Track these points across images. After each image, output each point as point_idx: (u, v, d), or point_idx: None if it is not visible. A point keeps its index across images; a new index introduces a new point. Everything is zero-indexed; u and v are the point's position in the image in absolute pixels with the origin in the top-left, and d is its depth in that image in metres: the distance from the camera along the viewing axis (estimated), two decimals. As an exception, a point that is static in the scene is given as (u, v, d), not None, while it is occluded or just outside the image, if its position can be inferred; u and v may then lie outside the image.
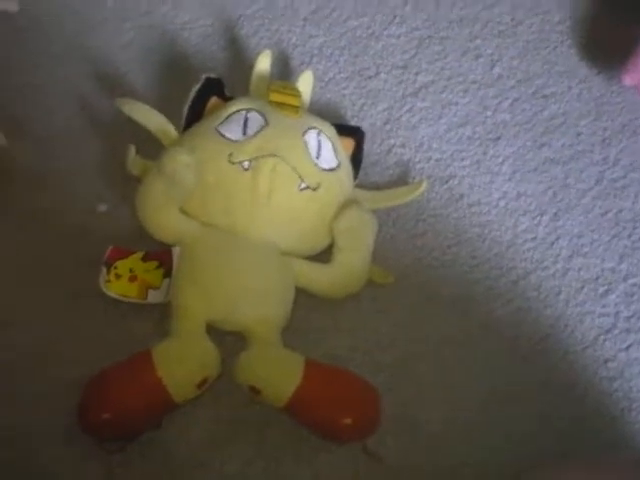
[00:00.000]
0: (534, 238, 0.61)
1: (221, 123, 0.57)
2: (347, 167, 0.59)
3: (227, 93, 0.61)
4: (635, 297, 0.59)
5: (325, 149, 0.57)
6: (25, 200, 0.59)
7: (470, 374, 0.55)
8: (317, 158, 0.56)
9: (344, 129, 0.61)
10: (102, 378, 0.49)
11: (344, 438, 0.50)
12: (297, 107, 0.58)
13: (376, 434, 0.50)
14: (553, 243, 0.61)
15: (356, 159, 0.61)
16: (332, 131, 0.59)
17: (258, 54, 0.62)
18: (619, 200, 0.62)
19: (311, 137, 0.57)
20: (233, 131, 0.56)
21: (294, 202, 0.55)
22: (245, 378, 0.51)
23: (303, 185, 0.55)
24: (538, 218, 0.62)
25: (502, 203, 0.62)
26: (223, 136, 0.56)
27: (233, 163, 0.54)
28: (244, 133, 0.55)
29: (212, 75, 0.61)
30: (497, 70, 0.68)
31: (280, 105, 0.58)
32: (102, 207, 0.60)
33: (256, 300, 0.53)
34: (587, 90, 0.67)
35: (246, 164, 0.54)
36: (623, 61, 0.63)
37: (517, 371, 0.56)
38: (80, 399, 0.48)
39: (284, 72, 0.66)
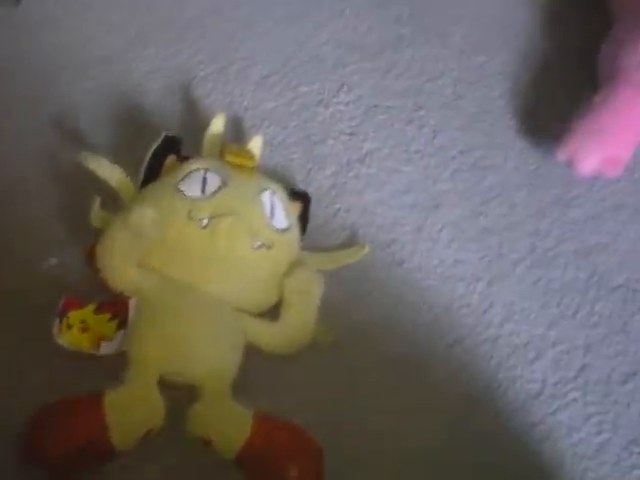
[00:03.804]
0: (469, 304, 0.64)
1: (181, 180, 0.59)
2: (296, 229, 0.62)
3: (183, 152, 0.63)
4: (562, 363, 0.62)
5: (278, 210, 0.59)
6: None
7: (409, 433, 0.58)
8: (271, 218, 0.59)
9: (292, 193, 0.63)
10: (51, 410, 0.51)
11: None
12: (252, 169, 0.61)
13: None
14: (486, 310, 0.63)
15: (302, 222, 0.63)
16: (283, 193, 0.61)
17: (212, 116, 0.64)
18: (550, 270, 0.66)
19: (266, 198, 0.59)
20: (192, 189, 0.58)
21: (249, 260, 0.58)
22: (197, 429, 0.53)
23: (258, 244, 0.58)
24: (473, 285, 0.64)
25: (440, 269, 0.65)
26: (183, 193, 0.58)
27: (192, 220, 0.57)
28: (203, 191, 0.58)
29: (171, 133, 0.63)
30: (439, 140, 0.71)
31: (236, 166, 0.60)
32: (53, 260, 0.61)
33: (209, 354, 0.55)
34: (523, 163, 0.71)
35: (204, 222, 0.57)
36: (557, 136, 0.67)
37: (452, 429, 0.58)
38: (27, 426, 0.50)
39: (235, 134, 0.68)
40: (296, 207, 0.63)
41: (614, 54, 0.69)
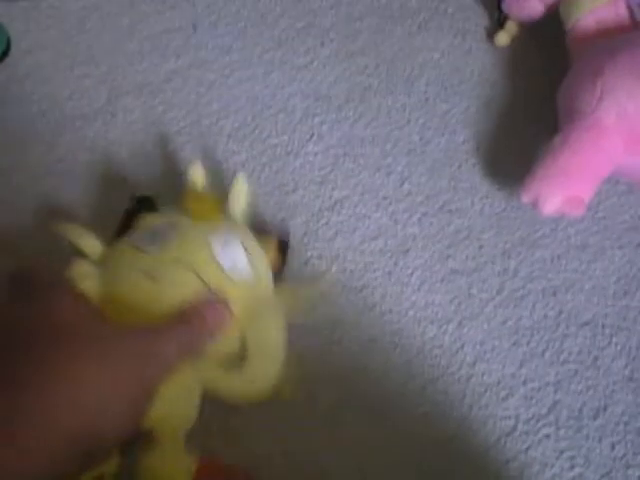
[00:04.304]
0: (440, 345, 0.65)
1: (133, 234, 0.59)
2: (261, 269, 0.60)
3: (159, 208, 0.64)
4: (533, 400, 0.63)
5: (233, 252, 0.58)
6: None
7: (382, 474, 0.59)
8: (224, 261, 0.57)
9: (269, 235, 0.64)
10: None
11: None
12: (214, 211, 0.61)
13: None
14: (458, 350, 0.65)
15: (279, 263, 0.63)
16: (247, 236, 0.60)
17: (188, 167, 0.65)
18: (518, 309, 0.67)
19: (218, 241, 0.58)
20: (143, 240, 0.58)
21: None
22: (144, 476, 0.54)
23: (208, 290, 0.56)
24: (444, 326, 0.66)
25: (411, 312, 0.66)
26: (134, 246, 0.58)
27: (140, 272, 0.56)
28: (152, 243, 0.57)
29: (143, 194, 0.64)
30: (407, 186, 0.73)
31: (195, 212, 0.60)
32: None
33: (163, 402, 0.54)
34: (489, 205, 0.72)
35: (153, 273, 0.56)
36: (520, 179, 0.69)
37: (426, 469, 0.59)
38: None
39: (211, 186, 0.70)
40: (270, 245, 0.62)
41: (571, 96, 0.71)
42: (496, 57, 0.82)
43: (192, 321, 0.54)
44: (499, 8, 0.83)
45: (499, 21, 0.83)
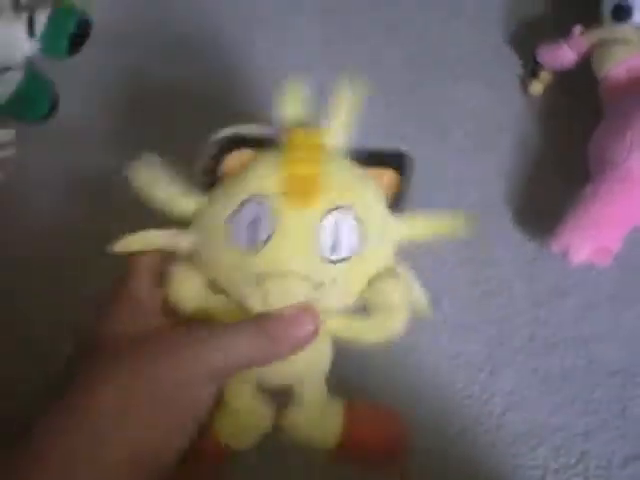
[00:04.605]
0: (470, 395, 0.67)
1: (229, 219, 0.49)
2: (377, 230, 0.50)
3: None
4: (562, 451, 0.64)
5: (345, 231, 0.48)
6: None
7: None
8: (333, 251, 0.48)
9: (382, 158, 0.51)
10: None
11: None
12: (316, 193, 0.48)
13: None
14: (488, 400, 0.66)
15: (400, 196, 0.51)
16: (361, 195, 0.49)
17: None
18: (548, 358, 0.68)
19: (326, 229, 0.48)
20: (241, 236, 0.48)
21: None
22: (294, 432, 0.54)
23: (315, 289, 0.49)
24: (475, 375, 0.67)
25: (443, 362, 0.68)
26: (232, 241, 0.49)
27: (244, 277, 0.49)
28: (252, 240, 0.48)
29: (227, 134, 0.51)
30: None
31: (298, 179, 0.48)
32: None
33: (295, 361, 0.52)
34: (521, 255, 0.74)
35: (256, 279, 0.49)
36: (551, 229, 0.70)
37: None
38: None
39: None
40: (387, 177, 0.51)
41: (602, 146, 0.73)
42: (529, 105, 0.84)
43: (272, 331, 0.49)
44: (534, 58, 0.84)
45: (533, 71, 0.85)
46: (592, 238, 0.69)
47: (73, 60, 0.77)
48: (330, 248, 0.48)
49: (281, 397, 0.56)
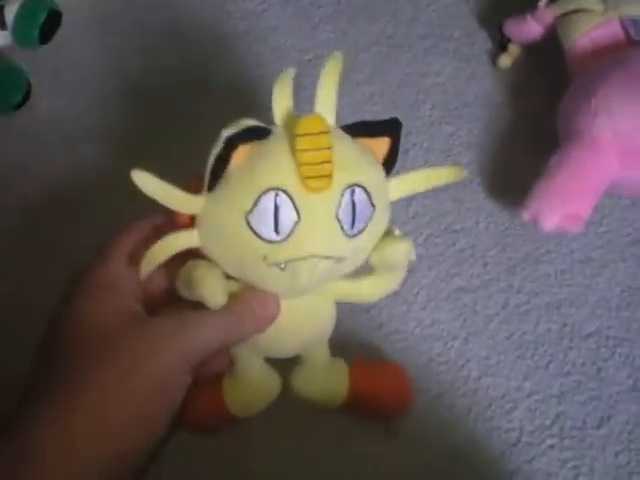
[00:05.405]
0: (446, 362, 0.67)
1: (250, 211, 0.48)
2: (382, 198, 0.53)
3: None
4: (537, 412, 0.65)
5: (360, 206, 0.50)
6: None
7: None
8: (352, 226, 0.50)
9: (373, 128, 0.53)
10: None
11: None
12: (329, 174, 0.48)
13: None
14: (463, 366, 0.67)
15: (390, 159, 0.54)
16: (367, 172, 0.51)
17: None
18: (523, 324, 0.69)
19: (344, 208, 0.49)
20: (265, 228, 0.49)
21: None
22: (303, 391, 0.60)
23: (337, 262, 0.52)
24: (450, 343, 0.68)
25: (417, 330, 0.69)
26: (255, 233, 0.49)
27: (269, 265, 0.50)
28: (276, 231, 0.48)
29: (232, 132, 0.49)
30: (412, 209, 0.75)
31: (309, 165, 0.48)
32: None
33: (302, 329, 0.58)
34: (493, 224, 0.75)
35: (282, 265, 0.50)
36: (523, 198, 0.71)
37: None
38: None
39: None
40: (382, 145, 0.53)
41: (569, 115, 0.73)
42: (498, 79, 0.85)
43: (238, 312, 0.53)
44: (501, 32, 0.85)
45: (501, 44, 0.86)
46: (560, 205, 0.69)
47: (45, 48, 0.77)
48: (349, 225, 0.50)
49: (287, 361, 0.60)
